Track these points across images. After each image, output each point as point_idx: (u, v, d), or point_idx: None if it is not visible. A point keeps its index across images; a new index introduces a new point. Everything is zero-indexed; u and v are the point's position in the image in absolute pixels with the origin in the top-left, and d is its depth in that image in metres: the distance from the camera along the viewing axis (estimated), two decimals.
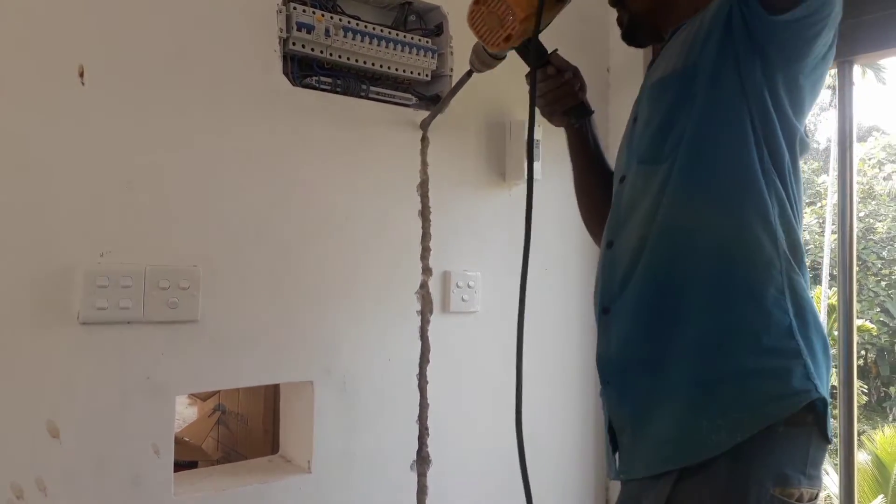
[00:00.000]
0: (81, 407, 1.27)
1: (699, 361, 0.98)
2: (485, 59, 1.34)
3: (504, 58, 1.30)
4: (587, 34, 2.06)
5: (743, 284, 0.98)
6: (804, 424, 0.95)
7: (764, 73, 0.99)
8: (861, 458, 10.68)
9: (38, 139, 1.24)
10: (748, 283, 0.98)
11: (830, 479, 11.27)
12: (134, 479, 1.32)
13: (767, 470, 0.93)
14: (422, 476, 1.70)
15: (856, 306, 1.84)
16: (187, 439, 2.49)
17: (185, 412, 2.83)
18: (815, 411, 0.95)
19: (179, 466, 1.43)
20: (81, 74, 1.28)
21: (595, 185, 1.33)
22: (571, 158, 1.36)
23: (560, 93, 1.28)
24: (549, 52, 1.28)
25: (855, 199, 1.83)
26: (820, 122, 22.97)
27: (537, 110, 1.30)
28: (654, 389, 1.02)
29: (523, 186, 1.87)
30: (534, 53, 1.13)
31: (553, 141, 1.11)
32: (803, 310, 0.98)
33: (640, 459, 1.04)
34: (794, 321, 0.97)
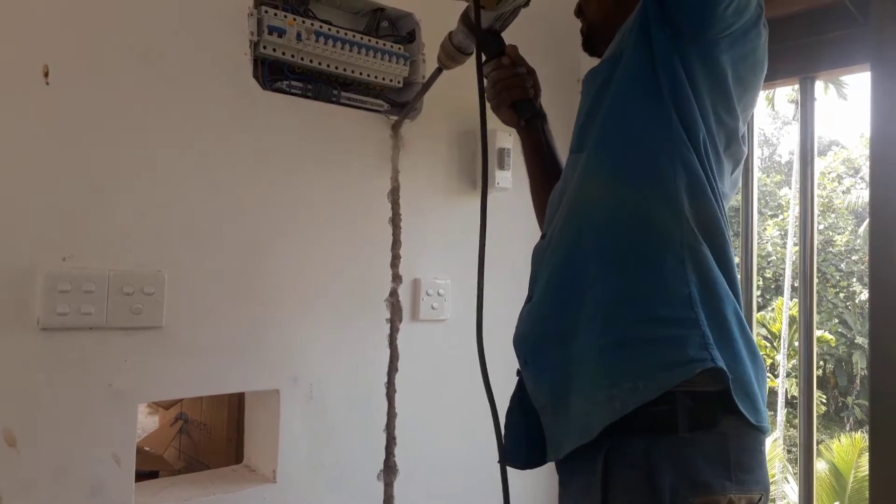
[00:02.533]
0: (40, 415, 1.24)
1: (599, 330, 0.98)
2: (451, 52, 1.37)
3: (471, 53, 1.32)
4: (558, 46, 2.08)
5: (638, 254, 0.98)
6: (713, 427, 0.93)
7: (674, 45, 1.00)
8: (819, 466, 10.91)
9: None
10: (643, 253, 0.98)
11: (790, 488, 11.49)
12: (94, 488, 1.28)
13: (682, 477, 0.90)
14: (388, 486, 1.69)
15: (815, 317, 1.88)
16: (148, 449, 2.45)
17: (146, 421, 2.78)
18: (724, 405, 0.92)
19: (140, 476, 1.40)
20: (46, 74, 1.25)
21: (549, 191, 1.30)
22: (525, 162, 1.36)
23: (509, 83, 1.28)
24: (506, 45, 1.30)
25: (815, 211, 1.88)
26: (782, 136, 23.53)
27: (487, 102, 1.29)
28: (569, 362, 1.01)
29: (494, 195, 1.88)
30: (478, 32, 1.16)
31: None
32: (711, 283, 0.97)
33: (565, 436, 1.01)
34: (696, 292, 0.95)
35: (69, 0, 1.28)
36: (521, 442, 1.12)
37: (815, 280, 1.85)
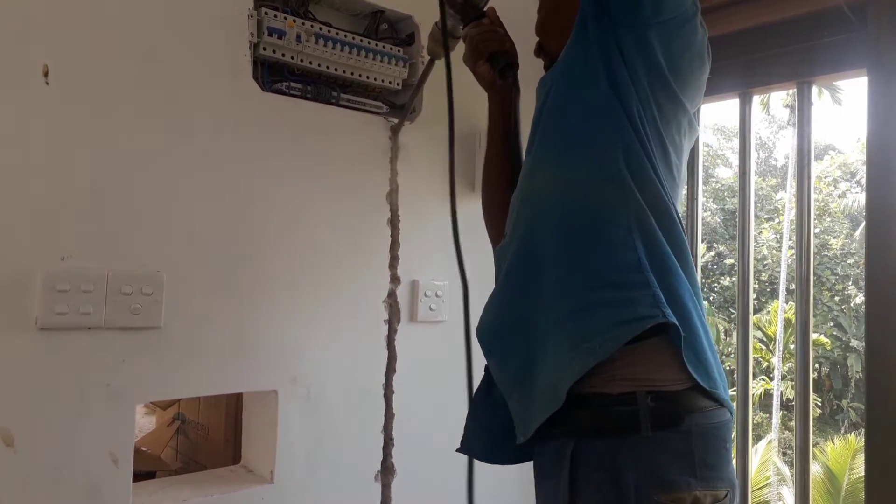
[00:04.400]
0: (38, 414, 1.24)
1: (555, 307, 1.00)
2: (440, 38, 1.35)
3: (459, 37, 1.33)
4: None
5: (588, 231, 1.01)
6: (677, 426, 0.94)
7: (611, 33, 1.03)
8: (813, 469, 10.94)
9: None
10: (592, 229, 1.00)
11: (786, 490, 11.50)
12: (91, 488, 1.28)
13: (646, 476, 0.92)
14: (386, 486, 1.69)
15: (812, 320, 1.88)
16: (145, 449, 2.44)
17: (143, 421, 2.77)
18: (687, 404, 0.94)
19: (137, 476, 1.40)
20: (46, 74, 1.25)
21: (503, 164, 1.30)
22: (489, 130, 1.34)
23: (487, 36, 1.28)
24: (485, 10, 1.31)
25: (812, 215, 1.88)
26: (778, 140, 23.59)
27: (461, 60, 1.31)
28: (531, 345, 1.02)
29: None
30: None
31: None
32: (659, 253, 0.99)
33: (531, 415, 1.01)
34: (645, 258, 0.97)
35: (70, 0, 1.28)
36: (483, 434, 1.14)
37: (812, 283, 1.85)
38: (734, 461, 1.82)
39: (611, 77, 1.02)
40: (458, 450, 1.15)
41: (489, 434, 1.14)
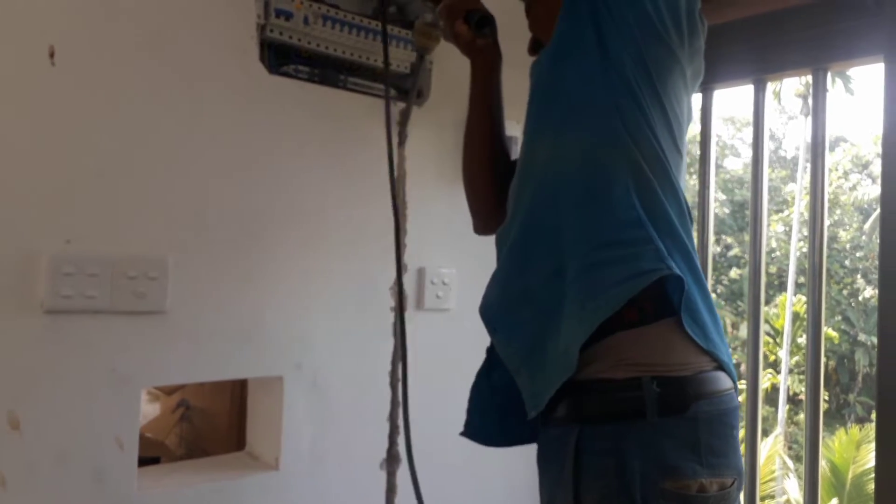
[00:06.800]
0: (43, 398, 1.23)
1: (559, 273, 1.00)
2: (424, 30, 1.40)
3: (440, 25, 1.33)
4: None
5: (588, 193, 1.00)
6: (683, 413, 0.93)
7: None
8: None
9: (2, 120, 1.20)
10: (593, 191, 1.00)
11: (791, 485, 11.50)
12: (97, 472, 1.28)
13: (652, 462, 0.92)
14: (391, 475, 1.68)
15: (823, 312, 1.85)
16: (149, 435, 2.44)
17: (147, 408, 2.77)
18: (694, 390, 0.94)
19: (142, 462, 1.40)
20: (52, 55, 1.24)
21: (485, 128, 1.29)
22: (471, 95, 1.31)
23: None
24: None
25: (826, 204, 1.85)
26: (788, 132, 23.43)
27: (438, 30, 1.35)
28: (538, 314, 1.02)
29: None
30: None
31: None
32: (658, 212, 0.99)
33: (543, 386, 1.01)
34: (644, 216, 0.97)
35: None
36: (484, 418, 1.15)
37: (825, 274, 1.82)
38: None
39: (601, 39, 1.01)
40: (461, 433, 1.15)
41: (487, 417, 1.15)
